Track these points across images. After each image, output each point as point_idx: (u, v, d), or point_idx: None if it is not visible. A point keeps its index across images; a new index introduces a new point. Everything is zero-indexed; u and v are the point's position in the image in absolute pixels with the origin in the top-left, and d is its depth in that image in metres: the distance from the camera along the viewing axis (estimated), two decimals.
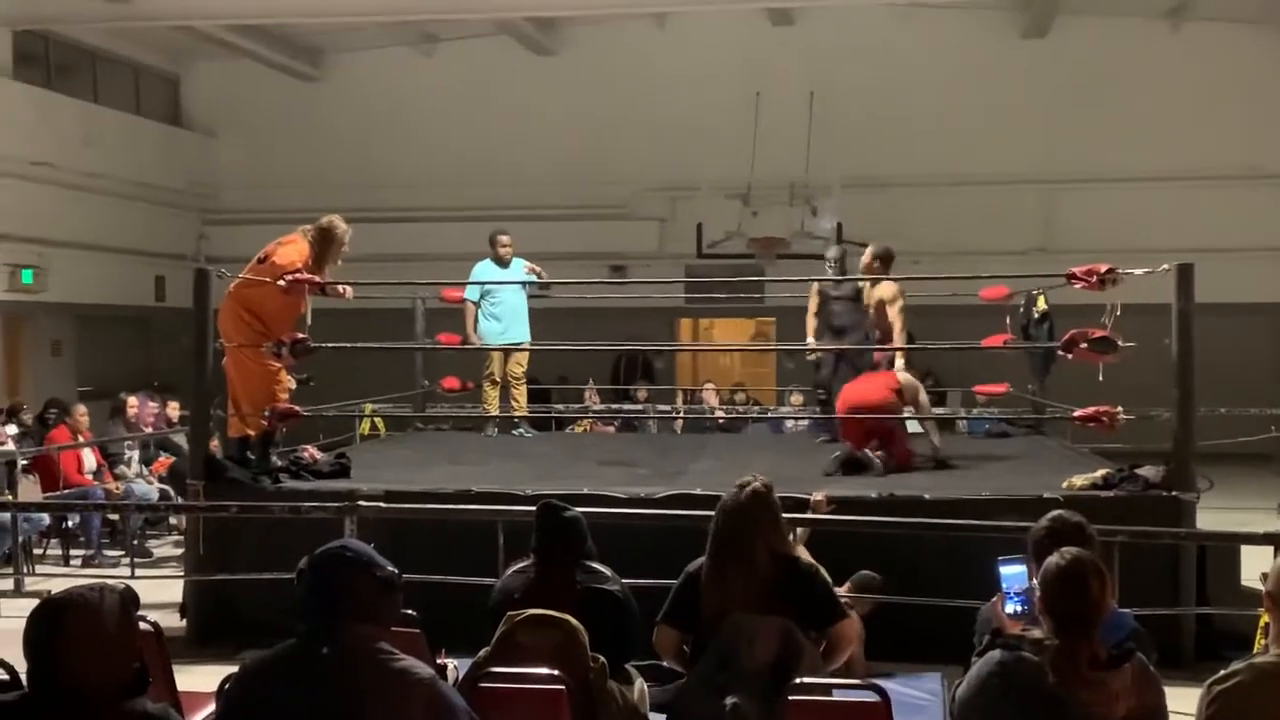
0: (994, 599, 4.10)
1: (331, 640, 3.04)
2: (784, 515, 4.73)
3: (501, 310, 10.84)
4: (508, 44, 18.63)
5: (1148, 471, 7.42)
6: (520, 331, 10.96)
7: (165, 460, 11.91)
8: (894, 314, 9.32)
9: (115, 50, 18.26)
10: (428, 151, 18.69)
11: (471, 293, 10.79)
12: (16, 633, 2.92)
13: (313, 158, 18.84)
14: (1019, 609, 3.84)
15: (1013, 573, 3.94)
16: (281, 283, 7.78)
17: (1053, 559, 3.40)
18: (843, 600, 4.95)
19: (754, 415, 14.05)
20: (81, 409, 11.53)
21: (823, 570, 4.83)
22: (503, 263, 10.89)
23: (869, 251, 9.51)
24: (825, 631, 4.51)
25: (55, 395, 13.11)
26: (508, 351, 10.87)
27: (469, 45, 19.06)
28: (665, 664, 4.70)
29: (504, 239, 10.90)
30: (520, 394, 11.16)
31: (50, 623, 2.87)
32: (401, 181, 18.58)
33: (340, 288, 8.47)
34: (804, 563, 4.72)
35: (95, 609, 2.87)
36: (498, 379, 10.97)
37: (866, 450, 8.43)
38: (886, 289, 9.38)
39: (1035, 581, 3.53)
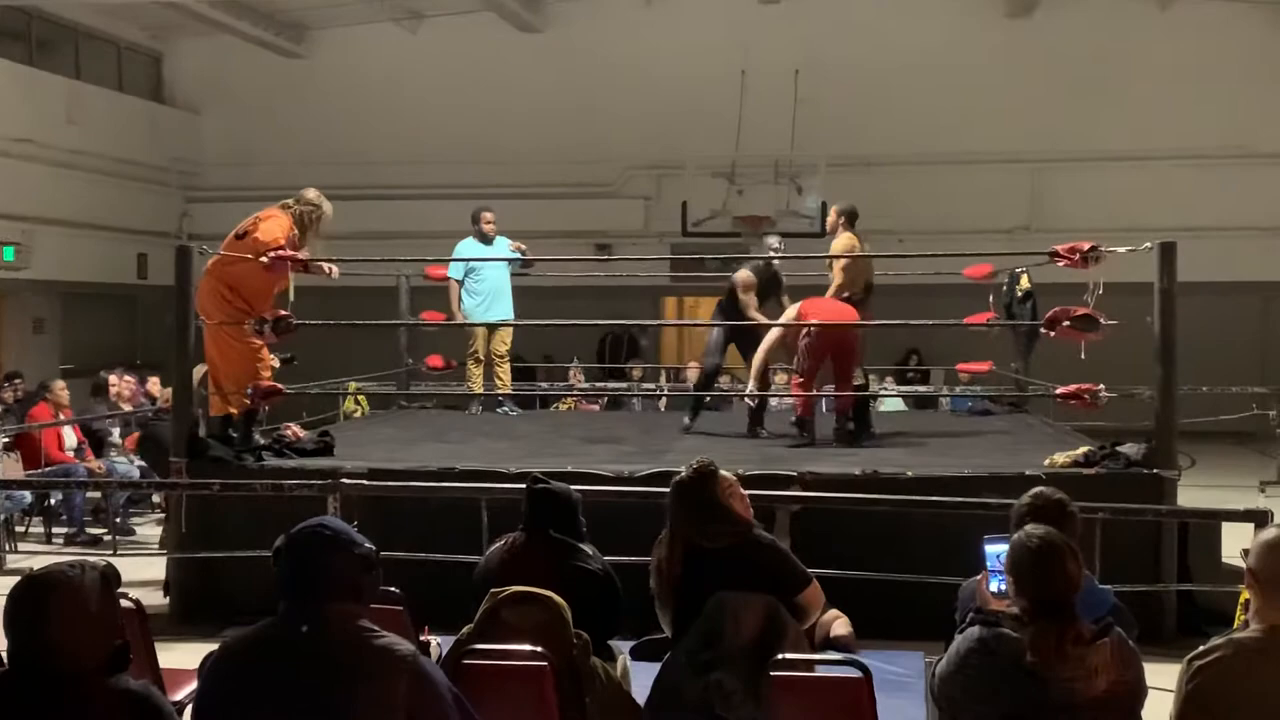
0: (978, 576, 4.10)
1: (311, 619, 3.03)
2: (744, 492, 4.80)
3: (485, 288, 10.83)
4: (493, 21, 18.53)
5: (1129, 449, 7.44)
6: (504, 309, 10.94)
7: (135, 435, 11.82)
8: (837, 268, 9.23)
9: (98, 26, 18.11)
10: (412, 129, 18.60)
11: (455, 270, 10.76)
12: None
13: (296, 135, 18.72)
14: (1003, 587, 3.83)
15: (998, 551, 3.89)
16: (264, 259, 7.73)
17: (1020, 539, 3.37)
18: None
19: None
20: (61, 384, 11.43)
21: (779, 541, 4.89)
22: (486, 240, 10.87)
23: (834, 209, 9.50)
24: (792, 600, 4.52)
25: (39, 373, 13.06)
26: (492, 329, 10.87)
27: (454, 22, 18.95)
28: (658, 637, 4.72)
29: (487, 216, 10.88)
30: (504, 372, 11.15)
31: (31, 600, 2.86)
32: (386, 159, 18.47)
33: (325, 266, 8.42)
34: (758, 535, 4.72)
35: (76, 586, 2.87)
36: (482, 357, 10.95)
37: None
38: (840, 244, 9.28)
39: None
